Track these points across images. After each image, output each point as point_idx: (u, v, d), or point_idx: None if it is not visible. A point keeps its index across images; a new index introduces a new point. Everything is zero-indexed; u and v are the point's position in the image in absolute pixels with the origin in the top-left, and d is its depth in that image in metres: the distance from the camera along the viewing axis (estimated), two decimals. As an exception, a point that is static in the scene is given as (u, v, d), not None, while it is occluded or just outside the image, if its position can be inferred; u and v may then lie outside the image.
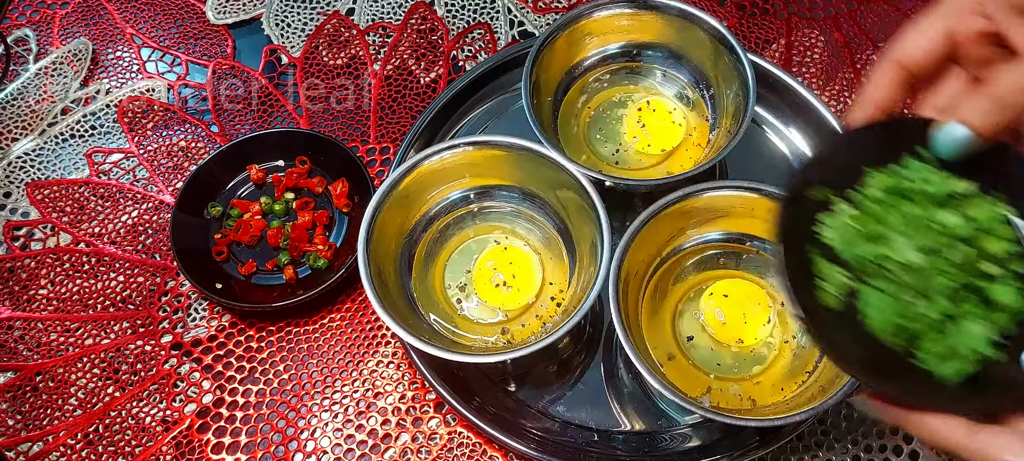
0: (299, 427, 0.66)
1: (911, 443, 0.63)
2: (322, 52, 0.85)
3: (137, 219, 0.76)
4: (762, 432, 0.61)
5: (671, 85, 0.75)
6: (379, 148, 0.79)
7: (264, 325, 0.70)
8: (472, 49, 0.85)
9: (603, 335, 0.68)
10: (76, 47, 0.85)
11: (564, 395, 0.66)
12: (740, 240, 0.65)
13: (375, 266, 0.61)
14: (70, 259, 0.74)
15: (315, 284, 0.69)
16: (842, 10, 0.86)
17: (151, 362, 0.69)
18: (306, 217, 0.73)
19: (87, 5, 0.89)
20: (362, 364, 0.68)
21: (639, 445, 0.63)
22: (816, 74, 0.81)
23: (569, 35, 0.72)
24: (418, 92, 0.82)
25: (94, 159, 0.79)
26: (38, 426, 0.66)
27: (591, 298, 0.57)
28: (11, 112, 0.82)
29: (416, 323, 0.62)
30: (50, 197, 0.77)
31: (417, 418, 0.66)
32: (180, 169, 0.78)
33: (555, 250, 0.68)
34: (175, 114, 0.82)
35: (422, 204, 0.67)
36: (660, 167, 0.72)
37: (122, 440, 0.66)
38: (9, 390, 0.68)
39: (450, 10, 0.87)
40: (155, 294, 0.72)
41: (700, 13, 0.70)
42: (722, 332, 0.63)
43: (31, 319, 0.71)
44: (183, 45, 0.86)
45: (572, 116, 0.75)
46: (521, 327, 0.65)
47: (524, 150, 0.64)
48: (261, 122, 0.81)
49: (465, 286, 0.67)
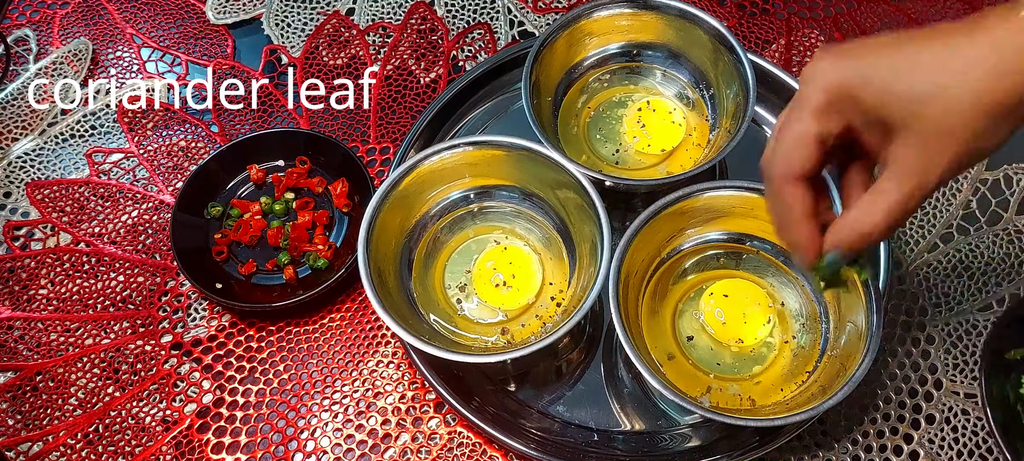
0: (299, 427, 0.66)
1: (911, 443, 0.63)
2: (322, 52, 0.85)
3: (137, 219, 0.76)
4: (762, 432, 0.61)
5: (671, 85, 0.75)
6: (379, 148, 0.79)
7: (264, 325, 0.70)
8: (472, 49, 0.85)
9: (603, 335, 0.68)
10: (76, 47, 0.85)
11: (564, 395, 0.66)
12: (740, 240, 0.65)
13: (375, 266, 0.61)
14: (70, 259, 0.74)
15: (315, 284, 0.69)
16: (842, 10, 0.86)
17: (151, 362, 0.69)
18: (306, 217, 0.73)
19: (87, 5, 0.89)
20: (362, 364, 0.68)
21: (639, 445, 0.63)
22: (816, 74, 0.81)
23: (569, 35, 0.72)
24: (418, 92, 0.82)
25: (94, 159, 0.79)
26: (38, 426, 0.66)
27: (591, 298, 0.57)
28: (11, 112, 0.82)
29: (416, 323, 0.62)
30: (50, 197, 0.77)
31: (417, 418, 0.66)
32: (180, 169, 0.78)
33: (555, 250, 0.68)
34: (175, 114, 0.82)
35: (422, 204, 0.67)
36: (660, 167, 0.72)
37: (122, 440, 0.66)
38: (9, 390, 0.68)
39: (450, 10, 0.87)
40: (155, 294, 0.72)
41: (700, 13, 0.70)
42: (722, 332, 0.63)
43: (31, 319, 0.71)
44: (183, 45, 0.86)
45: (572, 116, 0.75)
46: (521, 327, 0.65)
47: (524, 150, 0.64)
48: (261, 122, 0.81)
49: (465, 286, 0.67)
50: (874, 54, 0.41)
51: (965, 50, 0.39)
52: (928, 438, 0.63)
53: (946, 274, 0.70)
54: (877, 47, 0.41)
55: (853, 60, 0.42)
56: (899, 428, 0.64)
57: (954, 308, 0.68)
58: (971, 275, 0.69)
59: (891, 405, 0.65)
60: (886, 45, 0.41)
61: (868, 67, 0.41)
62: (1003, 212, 0.72)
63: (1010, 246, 0.70)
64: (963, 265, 0.70)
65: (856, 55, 0.42)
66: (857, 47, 0.42)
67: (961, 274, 0.69)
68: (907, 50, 0.41)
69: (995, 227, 0.71)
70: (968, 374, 0.65)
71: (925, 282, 0.69)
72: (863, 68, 0.41)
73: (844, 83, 0.42)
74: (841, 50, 0.42)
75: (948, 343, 0.67)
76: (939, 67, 0.40)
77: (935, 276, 0.70)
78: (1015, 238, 0.71)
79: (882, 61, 0.41)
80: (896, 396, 0.65)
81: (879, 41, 0.42)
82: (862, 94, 0.41)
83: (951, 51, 0.40)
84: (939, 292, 0.69)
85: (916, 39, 0.41)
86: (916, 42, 0.41)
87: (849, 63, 0.42)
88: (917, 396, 0.65)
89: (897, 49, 0.41)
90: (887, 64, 0.41)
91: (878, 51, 0.41)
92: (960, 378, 0.65)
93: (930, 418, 0.64)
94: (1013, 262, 0.69)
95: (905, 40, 0.41)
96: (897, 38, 0.41)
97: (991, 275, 0.69)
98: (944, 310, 0.68)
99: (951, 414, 0.64)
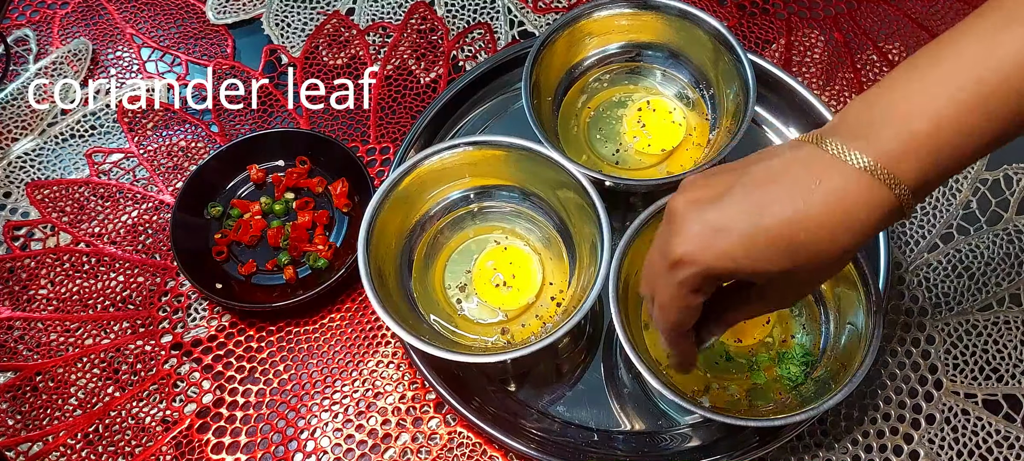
0: (299, 427, 0.66)
1: (911, 443, 0.63)
2: (322, 52, 0.85)
3: (137, 219, 0.76)
4: (762, 432, 0.61)
5: (671, 85, 0.75)
6: (379, 148, 0.79)
7: (264, 325, 0.70)
8: (472, 49, 0.85)
9: (603, 335, 0.68)
10: (76, 47, 0.85)
11: (564, 395, 0.66)
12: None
13: (375, 266, 0.61)
14: (70, 259, 0.74)
15: (315, 284, 0.69)
16: (842, 10, 0.86)
17: (151, 362, 0.69)
18: (306, 217, 0.73)
19: (87, 5, 0.89)
20: (362, 364, 0.68)
21: (639, 445, 0.63)
22: (816, 74, 0.81)
23: (569, 35, 0.72)
24: (418, 92, 0.82)
25: (94, 159, 0.79)
26: (38, 426, 0.66)
27: (591, 298, 0.57)
28: (11, 112, 0.82)
29: (416, 323, 0.62)
30: (50, 197, 0.77)
31: (417, 418, 0.66)
32: (180, 169, 0.78)
33: (555, 250, 0.68)
34: (175, 114, 0.82)
35: (422, 204, 0.67)
36: (660, 167, 0.72)
37: (122, 440, 0.66)
38: (9, 390, 0.68)
39: (450, 10, 0.87)
40: (155, 294, 0.72)
41: (700, 13, 0.70)
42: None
43: (31, 319, 0.71)
44: (183, 45, 0.86)
45: (572, 116, 0.75)
46: (521, 327, 0.65)
47: (524, 150, 0.64)
48: (261, 122, 0.81)
49: (465, 286, 0.67)
50: (729, 225, 0.44)
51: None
52: (928, 438, 0.63)
53: (946, 274, 0.70)
54: (734, 214, 0.44)
55: (718, 240, 0.44)
56: (899, 428, 0.64)
57: (954, 308, 0.68)
58: (971, 275, 0.69)
59: (891, 405, 0.65)
60: (740, 209, 0.44)
61: (730, 247, 0.43)
62: (1003, 212, 0.72)
63: (1010, 246, 0.70)
64: (963, 265, 0.70)
65: (717, 231, 0.44)
66: (712, 214, 0.44)
67: (961, 274, 0.69)
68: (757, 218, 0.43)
69: (995, 227, 0.71)
70: (968, 374, 0.65)
71: (925, 282, 0.69)
72: (730, 252, 0.43)
73: (715, 268, 0.44)
74: (702, 225, 0.44)
75: (948, 343, 0.67)
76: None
77: (935, 276, 0.70)
78: (1015, 238, 0.71)
79: (742, 244, 0.43)
80: (896, 396, 0.65)
81: (730, 199, 0.44)
82: (733, 272, 0.45)
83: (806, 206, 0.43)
84: (939, 292, 0.69)
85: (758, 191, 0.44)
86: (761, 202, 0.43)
87: (716, 247, 0.44)
88: (917, 396, 0.65)
89: (748, 217, 0.43)
90: (742, 246, 0.43)
91: (735, 219, 0.44)
92: (960, 378, 0.65)
93: (930, 418, 0.64)
94: (1013, 262, 0.69)
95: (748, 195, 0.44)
96: (742, 192, 0.44)
97: (991, 275, 0.69)
98: (944, 310, 0.68)
99: (951, 414, 0.64)
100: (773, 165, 0.44)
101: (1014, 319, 0.67)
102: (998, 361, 0.66)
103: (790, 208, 0.42)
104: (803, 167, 0.43)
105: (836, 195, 0.42)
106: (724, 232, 0.43)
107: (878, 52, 0.82)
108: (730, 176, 0.45)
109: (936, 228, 0.72)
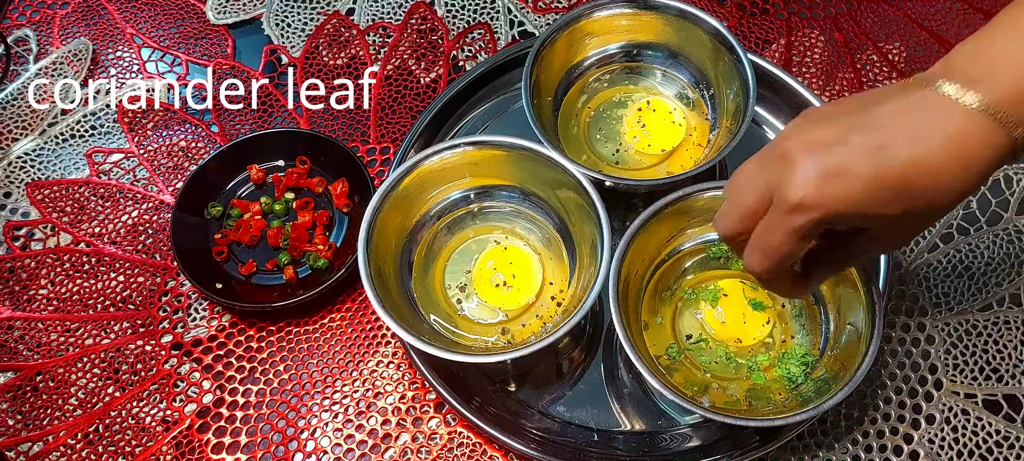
0: (299, 427, 0.66)
1: (911, 443, 0.63)
2: (322, 52, 0.85)
3: (137, 219, 0.76)
4: (762, 432, 0.61)
5: (671, 85, 0.75)
6: (379, 148, 0.79)
7: (264, 325, 0.70)
8: (472, 49, 0.85)
9: (603, 335, 0.68)
10: (76, 47, 0.85)
11: (564, 395, 0.66)
12: (740, 240, 0.65)
13: (375, 266, 0.61)
14: (70, 259, 0.74)
15: (315, 284, 0.69)
16: (842, 10, 0.86)
17: (151, 362, 0.69)
18: (306, 217, 0.73)
19: (87, 5, 0.89)
20: (362, 364, 0.68)
21: (639, 445, 0.63)
22: (816, 74, 0.81)
23: (569, 35, 0.72)
24: (418, 92, 0.82)
25: (94, 159, 0.79)
26: (38, 426, 0.66)
27: (591, 298, 0.57)
28: (11, 112, 0.82)
29: (416, 323, 0.62)
30: (50, 197, 0.77)
31: (417, 418, 0.66)
32: (180, 169, 0.78)
33: (555, 250, 0.68)
34: (175, 114, 0.82)
35: (422, 204, 0.67)
36: (660, 167, 0.72)
37: (122, 440, 0.66)
38: (9, 390, 0.68)
39: (450, 10, 0.87)
40: (155, 294, 0.72)
41: (700, 13, 0.70)
42: (722, 332, 0.63)
43: (31, 319, 0.71)
44: (183, 45, 0.86)
45: (572, 116, 0.75)
46: (521, 327, 0.65)
47: (524, 150, 0.64)
48: (261, 122, 0.81)
49: (465, 286, 0.67)
50: (851, 169, 0.42)
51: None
52: (928, 438, 0.63)
53: (946, 274, 0.70)
54: (850, 155, 0.42)
55: (838, 184, 0.42)
56: (899, 428, 0.64)
57: (954, 308, 0.68)
58: (971, 275, 0.69)
59: (891, 405, 0.65)
60: (857, 150, 0.42)
61: (851, 191, 0.42)
62: (1003, 212, 0.72)
63: (1010, 246, 0.70)
64: (963, 265, 0.70)
65: (837, 176, 0.42)
66: (832, 159, 0.43)
67: (961, 274, 0.69)
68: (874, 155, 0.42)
69: (995, 227, 0.71)
70: (968, 374, 0.65)
71: (925, 282, 0.69)
72: (851, 197, 0.42)
73: (837, 212, 0.43)
74: (823, 169, 0.43)
75: (948, 343, 0.67)
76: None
77: (935, 276, 0.70)
78: (1015, 238, 0.71)
79: (859, 187, 0.42)
80: (896, 396, 0.65)
81: (849, 139, 0.43)
82: (849, 218, 0.44)
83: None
84: (939, 292, 0.69)
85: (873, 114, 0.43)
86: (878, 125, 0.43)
87: (836, 192, 0.42)
88: (917, 396, 0.65)
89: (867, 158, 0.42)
90: (863, 191, 0.42)
91: (853, 160, 0.42)
92: (960, 378, 0.65)
93: (930, 418, 0.64)
94: (1013, 262, 0.69)
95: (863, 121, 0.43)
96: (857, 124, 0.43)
97: (991, 275, 0.69)
98: (944, 310, 0.68)
99: (951, 414, 0.64)
100: (888, 108, 0.43)
101: (1014, 319, 0.67)
102: (998, 361, 0.66)
103: (911, 151, 0.41)
104: (920, 110, 0.42)
105: (956, 137, 0.41)
106: (844, 176, 0.42)
107: (878, 52, 0.82)
108: (844, 119, 0.44)
109: (936, 228, 0.72)
